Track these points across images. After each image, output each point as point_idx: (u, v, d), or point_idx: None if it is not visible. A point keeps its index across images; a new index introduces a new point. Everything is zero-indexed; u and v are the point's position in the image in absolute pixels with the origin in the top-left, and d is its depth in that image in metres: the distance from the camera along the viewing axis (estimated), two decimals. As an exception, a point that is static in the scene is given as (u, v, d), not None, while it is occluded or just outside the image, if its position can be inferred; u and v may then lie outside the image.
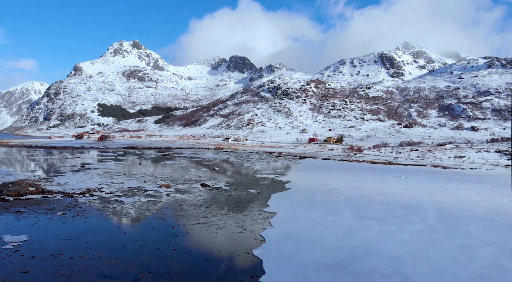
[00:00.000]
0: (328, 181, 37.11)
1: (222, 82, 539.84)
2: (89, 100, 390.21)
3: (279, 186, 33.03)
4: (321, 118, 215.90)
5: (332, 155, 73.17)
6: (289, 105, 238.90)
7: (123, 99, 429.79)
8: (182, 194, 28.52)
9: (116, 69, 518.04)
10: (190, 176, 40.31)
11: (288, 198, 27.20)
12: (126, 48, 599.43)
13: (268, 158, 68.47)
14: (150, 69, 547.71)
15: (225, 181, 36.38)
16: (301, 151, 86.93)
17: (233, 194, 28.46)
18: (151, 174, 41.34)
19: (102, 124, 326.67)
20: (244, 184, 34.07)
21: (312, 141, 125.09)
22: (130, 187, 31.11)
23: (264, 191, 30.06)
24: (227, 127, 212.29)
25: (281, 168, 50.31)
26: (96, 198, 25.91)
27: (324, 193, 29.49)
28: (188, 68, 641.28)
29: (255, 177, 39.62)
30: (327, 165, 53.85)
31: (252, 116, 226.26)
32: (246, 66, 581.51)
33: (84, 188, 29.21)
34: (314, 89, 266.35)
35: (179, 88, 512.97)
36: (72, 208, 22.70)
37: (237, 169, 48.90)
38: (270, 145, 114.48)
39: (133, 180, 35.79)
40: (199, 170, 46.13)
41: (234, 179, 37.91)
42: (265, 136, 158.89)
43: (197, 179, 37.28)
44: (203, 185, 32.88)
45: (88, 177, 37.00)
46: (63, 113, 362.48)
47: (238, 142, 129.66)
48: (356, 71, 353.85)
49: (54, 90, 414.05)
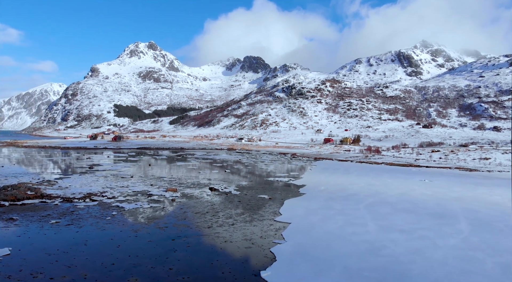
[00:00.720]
0: (347, 185, 34.57)
1: (236, 82, 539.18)
2: (106, 101, 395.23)
3: (293, 191, 30.72)
4: (336, 118, 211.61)
5: (349, 157, 70.22)
6: (303, 105, 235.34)
7: (138, 99, 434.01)
8: (188, 199, 26.57)
9: (132, 70, 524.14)
10: (199, 178, 38.40)
11: (303, 205, 24.88)
12: (142, 49, 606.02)
13: (281, 159, 66.13)
14: (166, 70, 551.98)
15: (236, 184, 34.29)
16: (316, 152, 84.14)
17: (243, 200, 26.32)
18: (159, 176, 39.64)
19: (118, 125, 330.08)
20: (256, 188, 31.91)
21: (328, 141, 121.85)
22: (134, 191, 29.38)
23: (276, 197, 27.83)
24: (241, 128, 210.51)
25: (295, 170, 47.92)
26: (96, 203, 24.21)
27: (343, 200, 27.04)
28: (203, 68, 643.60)
29: (267, 180, 37.39)
30: (344, 168, 51.13)
31: (266, 116, 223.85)
32: (260, 66, 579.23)
33: (85, 192, 27.60)
34: (330, 88, 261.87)
35: (194, 88, 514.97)
36: (68, 215, 21.01)
37: (249, 171, 46.78)
38: (284, 146, 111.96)
39: (139, 183, 34.10)
40: (209, 172, 44.22)
41: (245, 182, 35.79)
42: (279, 136, 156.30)
43: (206, 182, 35.32)
44: (211, 189, 30.86)
45: (94, 179, 35.53)
46: (80, 114, 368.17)
47: (252, 143, 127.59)
48: (372, 70, 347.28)
49: (71, 91, 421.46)
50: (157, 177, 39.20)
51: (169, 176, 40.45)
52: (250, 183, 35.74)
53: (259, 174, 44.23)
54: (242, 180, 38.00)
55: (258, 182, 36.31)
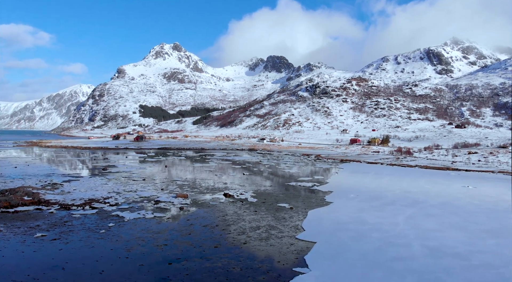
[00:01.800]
0: (379, 192, 30.51)
1: (259, 82, 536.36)
2: (131, 101, 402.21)
3: (318, 199, 27.04)
4: (363, 117, 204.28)
5: (378, 159, 65.45)
6: (328, 104, 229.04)
7: (163, 100, 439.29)
8: (199, 207, 23.49)
9: (157, 71, 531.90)
10: (215, 182, 35.36)
11: (330, 217, 21.21)
12: (167, 50, 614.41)
13: (305, 161, 62.26)
14: (190, 71, 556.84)
15: (253, 190, 30.96)
16: (343, 154, 79.58)
17: (260, 209, 22.94)
18: (172, 179, 36.92)
19: (143, 125, 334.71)
20: (275, 195, 28.45)
21: (354, 142, 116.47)
22: (141, 197, 26.64)
23: (298, 206, 24.27)
24: (263, 128, 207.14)
25: (320, 174, 44.05)
26: (94, 212, 21.53)
27: (377, 210, 23.16)
28: (226, 69, 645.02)
29: (289, 185, 33.82)
30: (374, 171, 46.76)
31: (289, 116, 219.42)
32: (283, 66, 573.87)
33: (87, 198, 25.07)
34: (356, 87, 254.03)
35: (217, 89, 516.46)
36: (59, 226, 18.38)
37: (269, 174, 43.34)
38: (308, 146, 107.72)
39: (149, 187, 31.43)
40: (226, 175, 41.13)
41: (264, 187, 32.39)
42: (302, 136, 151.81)
43: (221, 187, 32.20)
44: (226, 195, 27.69)
45: (102, 182, 33.19)
46: (107, 114, 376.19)
47: (274, 143, 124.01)
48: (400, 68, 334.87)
49: (98, 92, 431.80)
50: (170, 180, 36.51)
51: (183, 179, 37.67)
52: (270, 188, 32.31)
53: (280, 177, 40.72)
54: (261, 184, 34.63)
55: (278, 187, 32.83)
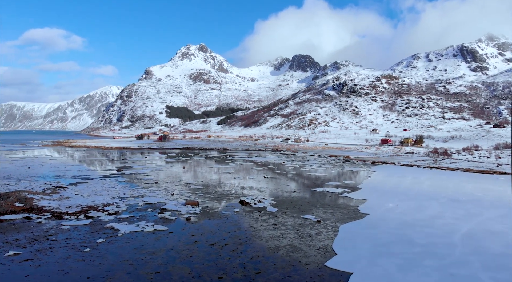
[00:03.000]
0: (422, 201, 26.02)
1: (284, 82, 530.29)
2: (158, 102, 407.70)
3: (350, 209, 22.93)
4: (393, 116, 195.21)
5: (414, 161, 59.89)
6: (356, 103, 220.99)
7: (189, 101, 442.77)
8: (208, 218, 20.03)
9: (183, 72, 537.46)
10: (232, 186, 31.90)
11: (368, 235, 17.16)
12: (193, 51, 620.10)
13: (332, 162, 57.76)
14: (215, 72, 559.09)
15: (274, 196, 27.21)
16: (374, 155, 74.19)
17: (281, 223, 19.17)
18: (187, 182, 33.78)
19: (169, 125, 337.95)
20: (299, 203, 24.57)
21: (385, 142, 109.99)
22: (146, 204, 23.57)
23: (327, 218, 20.32)
24: (288, 127, 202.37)
25: (351, 178, 39.65)
26: (88, 223, 18.55)
27: (424, 226, 18.90)
28: (251, 69, 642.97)
29: (315, 191, 29.80)
30: (412, 175, 41.77)
31: (314, 115, 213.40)
32: (309, 65, 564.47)
33: (85, 205, 22.21)
34: (386, 85, 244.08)
35: (242, 89, 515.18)
36: (40, 242, 15.47)
37: (293, 178, 39.40)
38: (335, 147, 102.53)
39: (160, 191, 28.39)
40: (246, 178, 37.57)
41: (287, 193, 28.55)
42: (329, 136, 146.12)
43: (238, 192, 28.67)
44: (242, 202, 24.13)
45: (110, 186, 30.50)
46: (134, 115, 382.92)
47: (299, 143, 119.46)
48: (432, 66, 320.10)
49: (126, 93, 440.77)
50: (184, 183, 33.39)
51: (198, 182, 34.47)
52: (293, 194, 28.43)
53: (305, 181, 36.70)
54: (283, 189, 30.80)
55: (303, 194, 28.88)
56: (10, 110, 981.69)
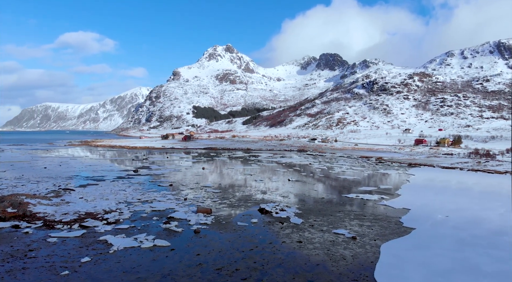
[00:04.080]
0: (477, 211, 21.77)
1: (311, 81, 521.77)
2: (185, 102, 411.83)
3: (391, 222, 19.08)
4: (427, 116, 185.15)
5: (454, 163, 54.30)
6: (387, 102, 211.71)
7: (215, 101, 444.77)
8: (221, 231, 16.88)
9: (210, 73, 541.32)
10: (252, 190, 28.68)
11: (418, 260, 13.40)
12: (220, 52, 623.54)
13: (364, 164, 53.27)
14: (241, 72, 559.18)
15: (299, 203, 23.72)
16: (409, 156, 68.70)
17: (306, 239, 15.71)
18: (204, 185, 30.89)
19: (196, 125, 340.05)
20: (329, 213, 20.95)
21: (420, 143, 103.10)
22: (154, 211, 20.78)
23: (364, 234, 16.64)
24: (314, 127, 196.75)
25: (387, 182, 35.40)
26: (80, 234, 15.89)
27: (488, 247, 14.93)
28: (277, 69, 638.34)
29: (346, 198, 26.02)
30: (456, 179, 36.92)
31: (343, 114, 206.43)
32: (337, 63, 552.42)
33: (84, 212, 19.67)
34: (418, 83, 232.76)
35: (268, 89, 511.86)
36: (16, 259, 12.93)
37: (321, 181, 35.62)
38: (366, 148, 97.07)
39: (172, 195, 25.63)
40: (268, 181, 34.21)
41: (314, 200, 24.96)
42: (359, 136, 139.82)
43: (258, 198, 25.41)
44: (262, 211, 20.86)
45: (121, 188, 28.09)
46: (162, 115, 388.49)
47: (326, 144, 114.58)
48: (467, 63, 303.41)
49: (155, 94, 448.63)
50: (200, 186, 30.52)
51: (217, 184, 31.51)
52: (321, 201, 24.80)
53: (335, 186, 32.87)
54: (309, 195, 27.23)
55: (333, 201, 25.17)
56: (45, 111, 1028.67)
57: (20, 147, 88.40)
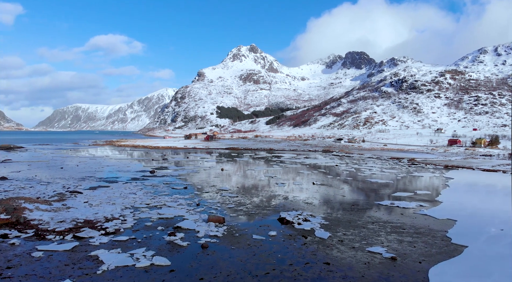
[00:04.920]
0: (543, 227, 18.12)
1: (337, 80, 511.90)
2: (209, 103, 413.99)
3: (437, 237, 15.92)
4: (460, 115, 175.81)
5: (495, 165, 49.46)
6: (417, 100, 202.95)
7: (239, 101, 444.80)
8: (232, 246, 14.36)
9: (234, 73, 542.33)
10: (272, 195, 26.06)
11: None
12: (244, 52, 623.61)
13: (396, 166, 49.38)
14: (265, 72, 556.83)
15: (325, 212, 20.85)
16: (443, 157, 63.91)
17: (335, 260, 12.91)
18: (220, 188, 28.57)
19: (219, 125, 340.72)
20: (360, 225, 17.98)
21: (454, 143, 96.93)
22: (161, 218, 18.59)
23: (405, 253, 13.65)
24: (340, 127, 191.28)
25: (423, 187, 31.82)
26: (71, 247, 13.82)
27: None
28: (302, 68, 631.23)
29: (380, 206, 22.90)
30: (502, 183, 32.74)
31: (370, 114, 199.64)
32: (364, 62, 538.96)
33: (83, 219, 17.72)
34: (450, 80, 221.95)
35: (292, 88, 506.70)
36: (-14, 279, 10.85)
37: (349, 186, 32.47)
38: (396, 148, 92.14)
39: (183, 200, 23.43)
40: (290, 184, 31.46)
41: (342, 208, 22.02)
42: (387, 137, 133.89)
43: (279, 204, 22.75)
44: (282, 221, 18.21)
45: (131, 191, 26.21)
46: (187, 115, 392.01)
47: (353, 144, 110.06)
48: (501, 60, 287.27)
49: (180, 94, 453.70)
50: (217, 189, 28.23)
51: (234, 187, 29.12)
52: (351, 209, 21.81)
53: (365, 191, 29.67)
54: (337, 202, 24.28)
55: (364, 209, 22.11)
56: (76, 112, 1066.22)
57: (44, 147, 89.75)
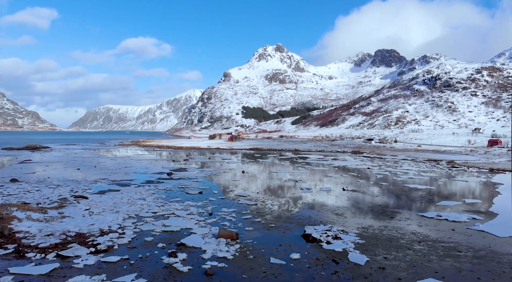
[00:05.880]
0: None
1: (366, 78, 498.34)
2: (235, 103, 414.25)
3: (504, 263, 12.28)
4: (499, 114, 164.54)
5: (552, 168, 43.81)
6: (452, 99, 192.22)
7: (264, 101, 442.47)
8: (244, 275, 11.44)
9: (259, 73, 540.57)
10: (295, 203, 22.96)
11: None
12: (270, 52, 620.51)
13: (434, 170, 44.76)
14: (291, 71, 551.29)
15: (359, 226, 17.47)
16: (486, 160, 58.17)
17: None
18: (238, 194, 25.78)
19: (245, 125, 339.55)
20: (404, 244, 14.52)
21: (494, 144, 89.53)
22: (165, 231, 15.99)
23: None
24: (370, 127, 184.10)
25: (471, 194, 27.64)
26: (47, 271, 11.43)
27: None
28: (329, 67, 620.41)
29: (424, 219, 19.25)
30: None
31: (402, 113, 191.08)
32: (394, 60, 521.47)
33: (76, 231, 15.39)
34: (488, 78, 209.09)
35: (319, 88, 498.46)
36: None
37: (386, 193, 28.76)
38: (431, 149, 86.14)
39: (195, 208, 20.80)
40: (317, 191, 28.18)
41: (379, 222, 18.56)
42: (421, 137, 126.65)
43: (303, 215, 19.61)
44: (307, 238, 15.13)
45: (140, 197, 23.92)
46: (213, 116, 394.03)
47: (384, 145, 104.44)
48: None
49: (206, 95, 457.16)
50: (235, 195, 25.47)
51: (254, 193, 26.25)
52: (390, 223, 18.31)
53: (405, 199, 25.91)
54: (372, 212, 20.82)
55: (406, 223, 18.54)
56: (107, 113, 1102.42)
57: (70, 147, 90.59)
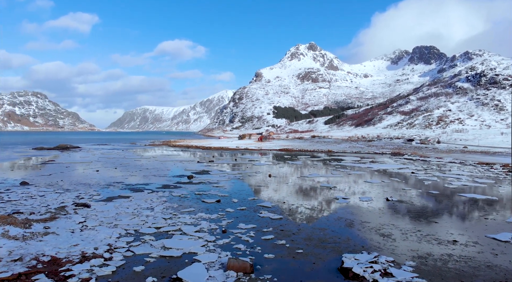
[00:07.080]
0: None
1: (403, 76, 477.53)
2: (266, 103, 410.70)
3: None
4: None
5: None
6: (499, 97, 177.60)
7: (296, 101, 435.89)
8: None
9: (291, 73, 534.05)
10: (328, 219, 18.97)
11: None
12: (302, 51, 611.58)
13: (490, 175, 38.76)
14: (324, 70, 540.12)
15: (415, 255, 13.23)
16: (550, 163, 50.69)
17: None
18: (260, 204, 22.18)
19: (276, 125, 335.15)
20: None
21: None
22: (163, 256, 12.68)
23: None
24: (409, 126, 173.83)
25: (549, 208, 22.32)
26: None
27: None
28: (365, 65, 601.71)
29: (498, 243, 14.66)
30: None
31: (444, 112, 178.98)
32: (433, 56, 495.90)
33: (50, 256, 12.49)
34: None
35: (353, 86, 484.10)
36: None
37: (439, 205, 23.98)
38: (479, 151, 78.07)
39: (206, 223, 17.43)
40: (355, 202, 23.93)
41: (438, 248, 14.21)
42: (466, 137, 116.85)
43: (340, 236, 15.61)
44: (346, 273, 11.23)
45: (149, 206, 20.94)
46: (244, 116, 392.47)
47: (427, 146, 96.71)
48: None
49: (238, 95, 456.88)
50: (257, 205, 21.86)
51: (279, 203, 22.54)
52: (454, 251, 13.90)
53: (465, 215, 21.11)
54: (430, 235, 16.44)
55: (474, 250, 14.05)
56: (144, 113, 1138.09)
57: (99, 147, 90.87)
